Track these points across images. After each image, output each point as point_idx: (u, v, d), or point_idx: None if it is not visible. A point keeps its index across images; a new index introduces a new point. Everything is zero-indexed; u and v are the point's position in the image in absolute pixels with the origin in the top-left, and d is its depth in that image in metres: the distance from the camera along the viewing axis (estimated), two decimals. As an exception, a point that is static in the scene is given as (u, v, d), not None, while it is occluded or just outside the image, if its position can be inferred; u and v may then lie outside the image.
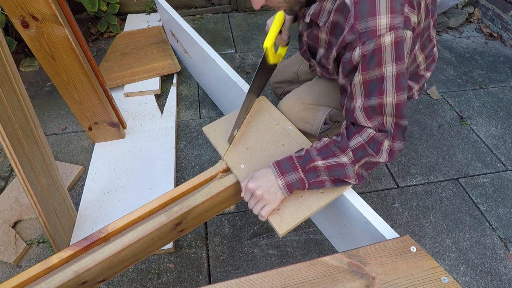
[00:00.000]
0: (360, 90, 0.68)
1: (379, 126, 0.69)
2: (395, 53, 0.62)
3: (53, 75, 1.12)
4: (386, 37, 0.61)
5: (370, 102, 0.67)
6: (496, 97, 1.81)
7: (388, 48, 0.62)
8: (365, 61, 0.64)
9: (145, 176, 1.33)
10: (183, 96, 1.77)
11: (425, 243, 1.21)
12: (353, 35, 0.63)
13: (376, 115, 0.68)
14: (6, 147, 0.84)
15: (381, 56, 0.62)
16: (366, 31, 0.61)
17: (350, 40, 0.64)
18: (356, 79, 0.67)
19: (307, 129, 0.98)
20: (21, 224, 1.21)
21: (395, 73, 0.64)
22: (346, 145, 0.70)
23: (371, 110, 0.68)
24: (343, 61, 0.69)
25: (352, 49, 0.65)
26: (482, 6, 2.40)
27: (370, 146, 0.69)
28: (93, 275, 0.73)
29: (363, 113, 0.69)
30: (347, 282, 0.58)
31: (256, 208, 0.72)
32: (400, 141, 0.70)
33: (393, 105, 0.66)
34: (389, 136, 0.69)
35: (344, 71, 0.70)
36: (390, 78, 0.64)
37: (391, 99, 0.66)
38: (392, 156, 0.70)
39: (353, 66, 0.67)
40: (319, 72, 0.95)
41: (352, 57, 0.65)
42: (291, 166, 0.72)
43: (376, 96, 0.66)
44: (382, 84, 0.65)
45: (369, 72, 0.65)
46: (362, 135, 0.70)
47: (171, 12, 1.50)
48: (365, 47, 0.62)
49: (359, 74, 0.66)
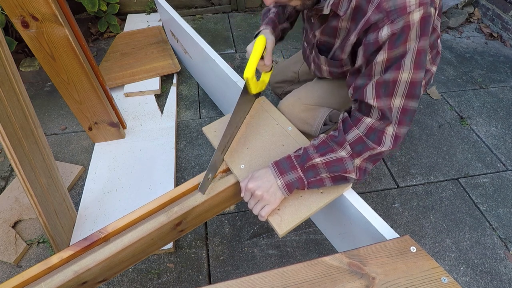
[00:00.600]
0: (381, 68, 0.65)
1: (382, 109, 0.66)
2: (421, 30, 0.61)
3: (53, 75, 1.12)
4: (415, 14, 0.59)
5: (385, 76, 0.65)
6: (496, 97, 1.81)
7: (416, 25, 0.60)
8: (392, 40, 0.62)
9: (145, 176, 1.33)
10: (183, 96, 1.77)
11: (425, 243, 1.20)
12: (380, 14, 0.61)
13: (385, 96, 0.66)
14: (6, 147, 0.84)
15: (409, 33, 0.61)
16: (395, 8, 0.59)
17: (376, 20, 0.62)
18: (380, 57, 0.64)
19: (307, 130, 0.98)
20: (21, 224, 1.21)
21: (417, 49, 0.62)
22: (343, 139, 0.69)
23: (384, 86, 0.65)
24: (365, 43, 0.66)
25: (377, 29, 0.63)
26: (482, 6, 2.40)
27: (369, 137, 0.68)
28: (93, 275, 0.73)
29: (374, 88, 0.66)
30: (347, 282, 0.58)
31: (256, 208, 0.72)
32: (406, 126, 0.68)
33: (407, 82, 0.64)
34: (391, 123, 0.67)
35: (366, 54, 0.67)
36: (411, 53, 0.62)
37: (407, 75, 0.64)
38: (396, 143, 0.68)
39: (378, 46, 0.64)
40: (325, 72, 0.93)
41: (378, 37, 0.63)
42: (289, 165, 0.71)
43: (393, 70, 0.64)
44: (401, 60, 0.63)
45: (394, 50, 0.63)
46: (359, 127, 0.69)
47: (171, 12, 1.50)
48: (394, 25, 0.60)
49: (384, 52, 0.63)
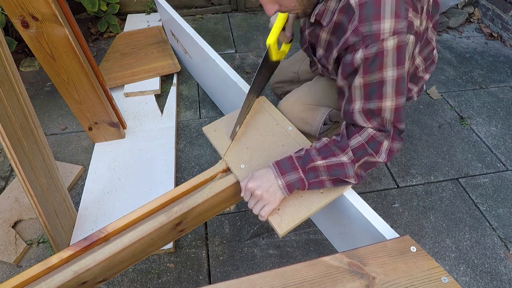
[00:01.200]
0: (360, 93, 0.68)
1: (378, 126, 0.70)
2: (397, 57, 0.62)
3: (53, 75, 1.12)
4: (389, 41, 0.61)
5: (369, 105, 0.67)
6: (496, 97, 1.81)
7: (390, 52, 0.62)
8: (366, 64, 0.64)
9: (145, 176, 1.33)
10: (183, 96, 1.77)
11: (425, 243, 1.20)
12: (357, 38, 0.63)
13: (375, 116, 0.69)
14: (6, 147, 0.84)
15: (383, 59, 0.62)
16: (370, 34, 0.61)
17: (353, 42, 0.64)
18: (357, 81, 0.67)
19: (306, 130, 0.98)
20: (21, 224, 1.21)
21: (396, 77, 0.64)
22: (346, 145, 0.70)
23: (370, 113, 0.68)
24: (343, 62, 0.69)
25: (354, 51, 0.65)
26: (482, 6, 2.40)
27: (369, 145, 0.69)
28: (93, 275, 0.73)
29: (362, 115, 0.70)
30: (347, 282, 0.58)
31: (256, 208, 0.72)
32: (399, 142, 0.71)
33: (392, 109, 0.67)
34: (388, 136, 0.70)
35: (344, 73, 0.70)
36: (390, 82, 0.64)
37: (390, 103, 0.66)
38: (390, 156, 0.71)
39: (354, 68, 0.67)
40: (320, 69, 0.95)
41: (353, 59, 0.65)
42: (291, 166, 0.72)
43: (375, 99, 0.66)
44: (382, 88, 0.65)
45: (370, 75, 0.65)
46: (362, 135, 0.70)
47: (171, 12, 1.50)
48: (367, 50, 0.62)
49: (360, 77, 0.66)
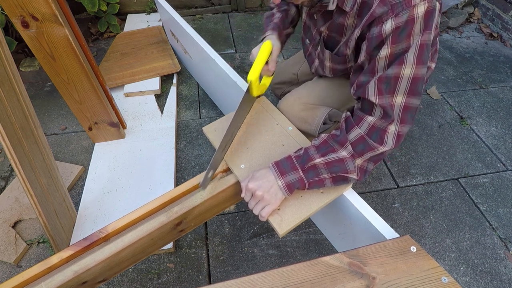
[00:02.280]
0: (383, 63, 0.65)
1: (384, 107, 0.66)
2: (424, 23, 0.61)
3: (53, 75, 1.12)
4: (419, 7, 0.59)
5: (387, 72, 0.64)
6: (496, 97, 1.81)
7: (420, 18, 0.60)
8: (396, 33, 0.61)
9: (145, 176, 1.33)
10: (183, 96, 1.77)
11: (425, 243, 1.20)
12: (385, 7, 0.61)
13: (387, 93, 0.65)
14: (6, 147, 0.84)
15: (413, 27, 0.60)
16: (400, 1, 0.59)
17: (380, 13, 0.62)
18: (383, 52, 0.64)
19: (306, 129, 0.98)
20: (21, 224, 1.21)
21: (420, 43, 0.62)
22: (345, 139, 0.69)
23: (386, 82, 0.65)
24: (368, 37, 0.66)
25: (381, 23, 0.62)
26: (482, 6, 2.40)
27: (371, 137, 0.67)
28: (93, 275, 0.73)
29: (376, 85, 0.66)
30: (347, 282, 0.58)
31: (256, 208, 0.72)
32: (409, 125, 0.68)
33: (409, 78, 0.64)
34: (394, 121, 0.66)
35: (368, 48, 0.67)
36: (414, 48, 0.62)
37: (409, 71, 0.63)
38: (398, 141, 0.68)
39: (381, 40, 0.64)
40: (327, 69, 0.93)
41: (382, 31, 0.62)
42: (290, 166, 0.71)
43: (395, 66, 0.63)
44: (404, 55, 0.62)
45: (398, 44, 0.62)
46: (361, 127, 0.68)
47: (171, 12, 1.50)
48: (398, 18, 0.60)
49: (388, 47, 0.63)
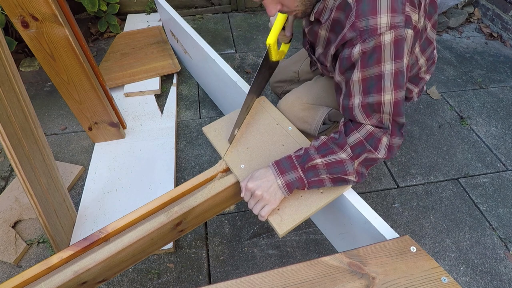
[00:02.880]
0: (359, 87, 0.68)
1: (377, 123, 0.70)
2: (394, 52, 0.63)
3: (53, 75, 1.12)
4: (386, 36, 0.61)
5: (369, 99, 0.68)
6: (496, 97, 1.81)
7: (388, 46, 0.62)
8: (364, 59, 0.64)
9: (145, 176, 1.33)
10: (183, 96, 1.77)
11: (425, 243, 1.20)
12: (354, 33, 0.64)
13: (374, 113, 0.69)
14: (6, 147, 0.84)
15: (381, 54, 0.63)
16: (367, 29, 0.62)
17: (351, 37, 0.65)
18: (355, 76, 0.67)
19: (306, 129, 0.98)
20: (21, 224, 1.21)
21: (394, 71, 0.64)
22: (344, 142, 0.70)
23: (369, 108, 0.68)
24: (341, 57, 0.70)
25: (351, 46, 0.65)
26: (482, 6, 2.40)
27: (368, 142, 0.70)
28: (93, 275, 0.73)
29: (362, 111, 0.69)
30: (347, 282, 0.58)
31: (256, 208, 0.72)
32: (398, 137, 0.71)
33: (391, 103, 0.67)
34: (387, 133, 0.70)
35: (341, 68, 0.70)
36: (389, 76, 0.65)
37: (389, 97, 0.66)
38: (391, 152, 0.71)
39: (351, 63, 0.67)
40: (320, 69, 0.96)
41: (351, 54, 0.66)
42: (290, 165, 0.72)
43: (374, 93, 0.67)
44: (381, 82, 0.65)
45: (368, 69, 0.65)
46: (360, 132, 0.70)
47: (171, 12, 1.50)
48: (365, 44, 0.63)
49: (358, 71, 0.66)
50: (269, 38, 0.86)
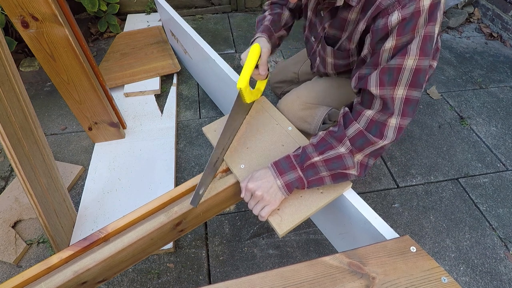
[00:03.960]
0: (387, 55, 0.65)
1: (385, 99, 0.66)
2: (429, 16, 0.61)
3: (53, 75, 1.12)
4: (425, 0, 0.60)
5: (390, 63, 0.64)
6: (496, 97, 1.81)
7: (425, 11, 0.60)
8: (402, 25, 0.61)
9: (145, 176, 1.33)
10: (183, 96, 1.77)
11: (425, 243, 1.20)
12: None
13: (389, 85, 0.65)
14: (6, 147, 0.84)
15: (418, 19, 0.61)
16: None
17: (386, 5, 0.62)
18: (388, 44, 0.64)
19: (305, 129, 0.98)
20: (21, 224, 1.21)
21: (423, 35, 0.62)
22: (343, 134, 0.69)
23: (388, 74, 0.65)
24: (373, 29, 0.66)
25: (387, 15, 0.62)
26: (482, 6, 2.40)
27: (370, 131, 0.67)
28: (93, 275, 0.73)
29: (379, 76, 0.65)
30: (347, 282, 0.58)
31: (256, 208, 0.72)
32: (409, 117, 0.67)
33: (412, 69, 0.63)
34: (394, 114, 0.66)
35: (373, 41, 0.67)
36: (417, 39, 0.62)
37: (412, 62, 0.63)
38: (399, 134, 0.67)
39: (386, 32, 0.64)
40: (329, 65, 0.92)
41: (387, 23, 0.63)
42: (289, 165, 0.71)
43: (398, 57, 0.63)
44: (407, 46, 0.62)
45: (403, 36, 0.62)
46: (360, 121, 0.68)
47: (171, 12, 1.50)
48: (405, 10, 0.60)
49: (393, 39, 0.63)
50: (239, 81, 0.78)
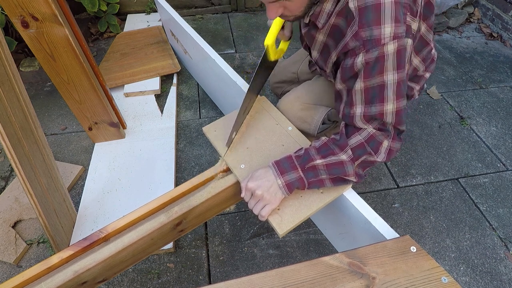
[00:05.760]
0: (361, 97, 0.68)
1: (379, 126, 0.70)
2: (397, 61, 0.63)
3: (53, 75, 1.12)
4: (389, 46, 0.61)
5: (371, 109, 0.68)
6: (496, 97, 1.81)
7: (390, 56, 0.62)
8: (367, 68, 0.64)
9: (145, 176, 1.33)
10: (183, 96, 1.77)
11: (425, 243, 1.20)
12: (357, 42, 0.63)
13: (375, 119, 0.69)
14: (6, 147, 0.84)
15: (384, 64, 0.63)
16: (371, 39, 0.61)
17: (353, 47, 0.64)
18: (358, 85, 0.67)
19: (305, 129, 0.98)
20: (21, 224, 1.21)
21: (396, 81, 0.65)
22: (345, 143, 0.70)
23: (370, 116, 0.69)
24: (343, 66, 0.69)
25: (354, 56, 0.65)
26: (482, 6, 2.40)
27: (369, 144, 0.70)
28: (93, 275, 0.73)
29: (364, 120, 0.70)
30: (347, 282, 0.58)
31: (256, 208, 0.72)
32: (398, 142, 0.71)
33: (393, 112, 0.67)
34: (389, 136, 0.70)
35: (343, 77, 0.70)
36: (392, 85, 0.65)
37: (392, 106, 0.67)
38: (390, 156, 0.71)
39: (354, 72, 0.67)
40: (319, 70, 0.95)
41: (354, 64, 0.65)
42: (290, 165, 0.72)
43: (377, 103, 0.67)
44: (383, 92, 0.65)
45: (371, 79, 0.65)
46: (361, 134, 0.70)
47: (171, 12, 1.50)
48: (368, 54, 0.62)
49: (361, 81, 0.66)
50: (267, 38, 0.85)
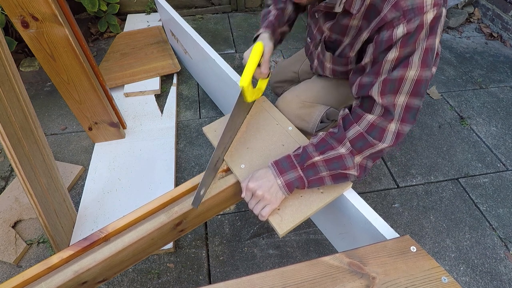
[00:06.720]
0: (390, 66, 0.66)
1: (386, 106, 0.67)
2: (430, 28, 0.62)
3: (53, 75, 1.12)
4: (429, 14, 0.60)
5: (393, 74, 0.65)
6: (496, 97, 1.81)
7: (428, 24, 0.61)
8: (406, 38, 0.62)
9: (145, 176, 1.33)
10: (183, 96, 1.77)
11: (425, 243, 1.20)
12: (397, 13, 0.62)
13: (390, 93, 0.66)
14: (6, 147, 0.84)
15: (421, 32, 0.62)
16: (413, 7, 0.60)
17: (391, 18, 0.63)
18: (391, 55, 0.65)
19: (303, 127, 0.98)
20: (21, 224, 1.21)
21: (425, 47, 0.63)
22: (343, 136, 0.69)
23: (390, 84, 0.66)
24: (377, 40, 0.67)
25: (392, 27, 0.63)
26: (482, 6, 2.40)
27: (370, 134, 0.68)
28: (93, 275, 0.73)
29: (381, 86, 0.66)
30: (347, 282, 0.58)
31: (256, 208, 0.72)
32: (409, 124, 0.68)
33: (413, 80, 0.65)
34: (394, 119, 0.67)
35: (376, 51, 0.67)
36: (419, 51, 0.63)
37: (414, 73, 0.64)
38: (398, 140, 0.68)
39: (390, 44, 0.64)
40: (328, 70, 0.93)
41: (392, 35, 0.63)
42: (289, 165, 0.71)
43: (400, 68, 0.64)
44: (409, 58, 0.64)
45: (406, 48, 0.63)
46: (360, 124, 0.69)
47: (171, 12, 1.50)
48: (410, 24, 0.61)
49: (396, 50, 0.64)
50: (242, 79, 0.78)
